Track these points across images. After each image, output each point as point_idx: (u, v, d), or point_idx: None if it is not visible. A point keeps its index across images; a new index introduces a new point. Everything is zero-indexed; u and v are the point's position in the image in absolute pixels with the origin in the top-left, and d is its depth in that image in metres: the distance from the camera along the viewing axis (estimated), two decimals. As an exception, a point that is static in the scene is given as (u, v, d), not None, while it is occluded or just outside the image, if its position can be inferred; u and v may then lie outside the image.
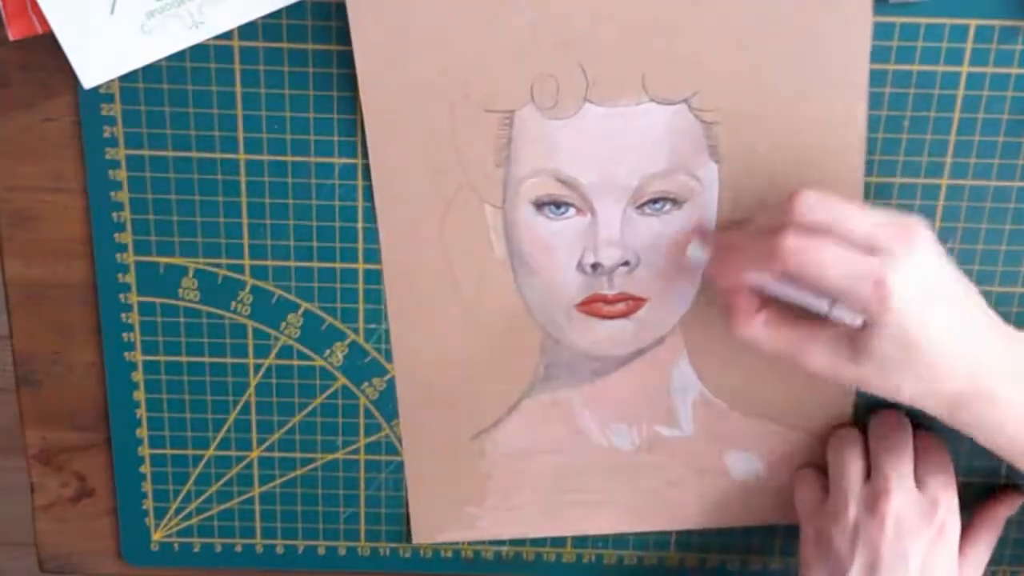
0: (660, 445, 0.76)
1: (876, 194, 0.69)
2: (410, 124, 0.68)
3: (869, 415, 0.74)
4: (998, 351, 0.64)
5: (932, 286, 0.61)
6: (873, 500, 0.69)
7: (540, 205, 0.70)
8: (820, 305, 0.64)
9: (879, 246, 0.60)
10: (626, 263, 0.70)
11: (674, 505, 0.78)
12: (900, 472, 0.70)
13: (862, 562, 0.68)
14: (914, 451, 0.72)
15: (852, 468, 0.71)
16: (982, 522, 0.75)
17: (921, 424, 0.74)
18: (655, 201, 0.69)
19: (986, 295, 0.72)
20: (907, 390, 0.63)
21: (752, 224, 0.66)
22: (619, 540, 0.80)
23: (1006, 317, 0.72)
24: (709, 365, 0.74)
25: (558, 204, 0.69)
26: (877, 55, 0.67)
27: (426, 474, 0.77)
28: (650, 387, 0.75)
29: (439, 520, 0.79)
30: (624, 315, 0.72)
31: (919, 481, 0.70)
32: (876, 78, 0.67)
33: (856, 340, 0.62)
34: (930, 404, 0.64)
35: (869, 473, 0.71)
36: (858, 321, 0.62)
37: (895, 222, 0.61)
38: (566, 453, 0.77)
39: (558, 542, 0.80)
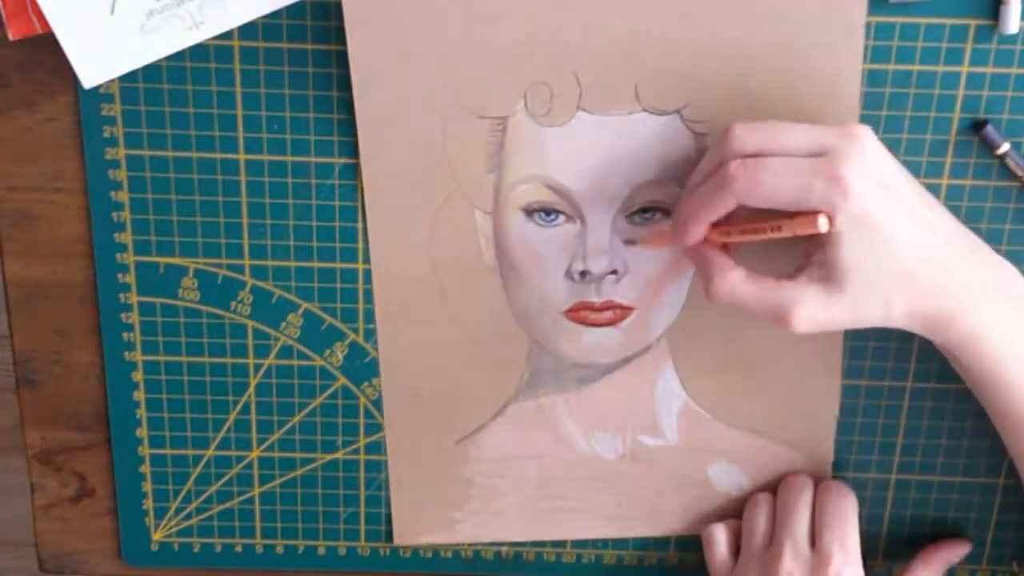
0: (643, 454, 0.76)
1: (876, 194, 0.69)
2: (402, 129, 0.68)
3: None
4: (975, 261, 0.63)
5: (889, 181, 0.60)
6: (770, 565, 0.71)
7: (530, 212, 0.70)
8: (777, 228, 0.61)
9: (826, 149, 0.60)
10: (614, 272, 0.70)
11: (657, 514, 0.78)
12: (792, 535, 0.72)
13: None
14: (815, 506, 0.73)
15: (758, 533, 0.74)
16: (922, 565, 0.76)
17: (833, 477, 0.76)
18: (645, 210, 0.69)
19: (986, 295, 0.71)
20: (896, 305, 0.61)
21: (697, 175, 0.64)
22: (619, 540, 0.79)
23: (1006, 317, 0.72)
24: (694, 375, 0.74)
25: (548, 211, 0.69)
26: (877, 55, 0.67)
27: (410, 477, 0.77)
28: (635, 396, 0.75)
29: (421, 522, 0.78)
30: (611, 323, 0.72)
31: (816, 536, 0.72)
32: (876, 78, 0.67)
33: (830, 264, 0.61)
34: (919, 322, 0.63)
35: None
36: (821, 226, 0.59)
37: (836, 127, 0.61)
38: (549, 460, 0.77)
39: (558, 542, 0.80)
